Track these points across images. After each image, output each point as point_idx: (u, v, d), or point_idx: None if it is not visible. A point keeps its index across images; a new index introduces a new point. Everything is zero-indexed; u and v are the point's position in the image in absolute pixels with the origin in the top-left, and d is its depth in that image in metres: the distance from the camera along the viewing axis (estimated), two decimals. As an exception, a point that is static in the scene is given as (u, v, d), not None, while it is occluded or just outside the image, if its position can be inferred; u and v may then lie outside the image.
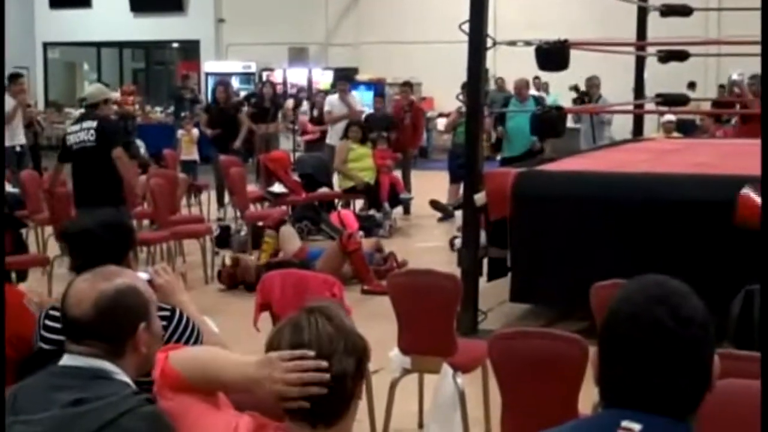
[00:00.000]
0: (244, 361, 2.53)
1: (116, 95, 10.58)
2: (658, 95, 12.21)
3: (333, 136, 15.59)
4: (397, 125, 15.53)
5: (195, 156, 16.22)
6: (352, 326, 2.44)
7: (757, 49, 11.15)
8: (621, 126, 16.11)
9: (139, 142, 15.25)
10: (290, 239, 11.06)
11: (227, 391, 2.60)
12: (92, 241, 3.73)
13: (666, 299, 2.05)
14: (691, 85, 20.94)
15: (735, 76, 18.61)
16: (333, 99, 16.09)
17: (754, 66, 16.68)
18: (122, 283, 2.73)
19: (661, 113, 11.45)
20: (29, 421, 2.49)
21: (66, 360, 2.67)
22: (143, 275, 3.71)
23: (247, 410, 2.53)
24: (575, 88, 17.07)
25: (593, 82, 15.02)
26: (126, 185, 9.36)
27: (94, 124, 9.15)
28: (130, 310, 2.70)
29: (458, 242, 9.43)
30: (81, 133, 9.19)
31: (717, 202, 7.80)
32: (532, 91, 21.84)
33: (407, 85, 17.03)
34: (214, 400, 2.57)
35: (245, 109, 16.53)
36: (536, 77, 21.57)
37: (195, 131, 16.55)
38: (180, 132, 16.70)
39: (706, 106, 18.70)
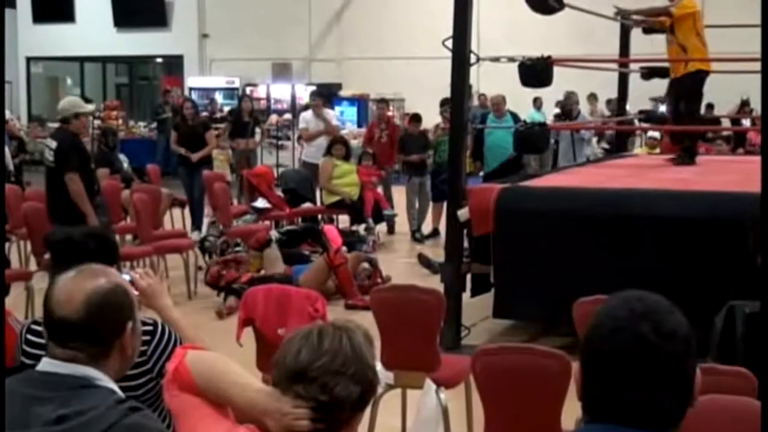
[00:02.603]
0: (255, 387, 2.57)
1: (91, 107, 10.35)
2: (641, 112, 12.29)
3: (309, 153, 15.36)
4: (431, 145, 15.28)
5: (228, 177, 15.46)
6: (369, 357, 2.47)
7: (738, 66, 11.28)
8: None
9: (123, 157, 15.14)
10: (274, 261, 11.02)
11: (231, 407, 2.62)
12: (76, 250, 3.73)
13: (648, 314, 2.06)
14: (610, 102, 21.19)
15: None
16: (307, 115, 15.70)
17: (733, 82, 16.77)
18: (110, 281, 2.65)
19: (644, 130, 11.46)
20: None
21: (46, 366, 2.57)
22: (126, 278, 3.71)
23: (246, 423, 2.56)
24: (561, 105, 17.14)
25: (572, 99, 14.91)
26: (81, 209, 9.09)
27: (54, 145, 9.11)
28: (120, 308, 2.62)
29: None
30: (46, 150, 9.21)
31: (698, 218, 7.83)
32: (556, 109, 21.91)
33: (383, 102, 16.92)
34: (219, 407, 2.59)
35: (220, 127, 16.13)
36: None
37: (229, 150, 15.83)
38: (215, 151, 15.79)
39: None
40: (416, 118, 15.53)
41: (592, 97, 21.44)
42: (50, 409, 2.43)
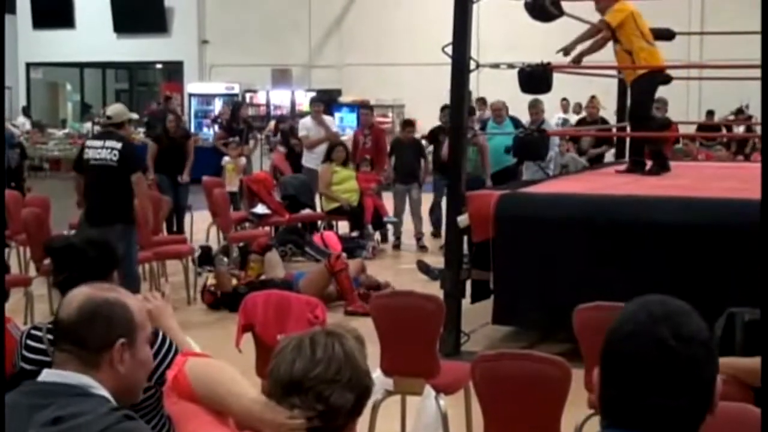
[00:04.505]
0: (251, 396, 2.59)
1: (135, 116, 11.21)
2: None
3: (310, 160, 15.22)
4: (423, 152, 15.05)
5: (236, 186, 15.07)
6: (362, 361, 2.46)
7: (738, 72, 11.24)
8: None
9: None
10: (275, 266, 11.04)
11: (229, 415, 2.63)
12: (76, 257, 3.73)
13: (668, 318, 2.04)
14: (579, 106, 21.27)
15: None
16: (307, 122, 15.57)
17: (734, 88, 16.78)
18: (114, 296, 2.69)
19: (643, 137, 11.43)
20: None
21: (45, 376, 2.63)
22: None
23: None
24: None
25: (538, 108, 14.33)
26: (139, 210, 9.34)
27: (119, 145, 9.16)
28: (111, 321, 2.65)
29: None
30: (103, 150, 9.21)
31: (698, 224, 7.84)
32: (560, 113, 21.83)
33: (368, 108, 16.66)
34: (219, 415, 2.60)
35: (217, 133, 15.91)
36: (564, 99, 21.53)
37: (242, 160, 15.56)
38: (225, 159, 15.55)
39: (691, 130, 18.81)
40: (409, 124, 15.34)
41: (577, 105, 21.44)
42: (47, 413, 2.47)
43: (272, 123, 23.69)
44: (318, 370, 2.38)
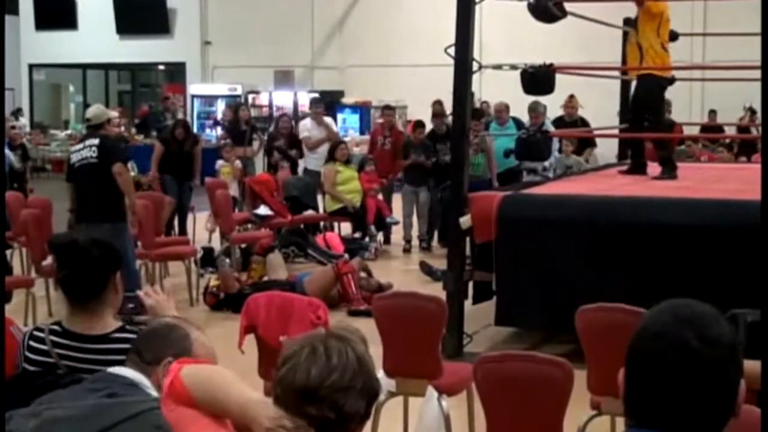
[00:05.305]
0: (249, 397, 2.59)
1: (115, 114, 11.37)
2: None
3: (312, 161, 15.21)
4: (433, 151, 14.93)
5: (235, 191, 14.75)
6: (372, 366, 2.46)
7: (740, 73, 11.23)
8: (608, 149, 16.18)
9: (131, 165, 15.10)
10: (277, 268, 11.03)
11: (227, 417, 2.63)
12: (79, 254, 3.73)
13: (693, 320, 2.06)
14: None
15: None
16: (308, 123, 15.51)
17: (737, 89, 16.75)
18: (185, 330, 3.04)
19: (645, 138, 11.40)
20: (61, 407, 2.60)
21: (109, 370, 2.94)
22: (148, 301, 3.78)
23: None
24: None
25: (538, 111, 14.10)
26: (128, 202, 9.52)
27: (96, 141, 9.43)
28: (166, 342, 2.98)
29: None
30: (84, 150, 9.49)
31: (700, 225, 7.84)
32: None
33: (390, 108, 16.63)
34: (217, 419, 2.61)
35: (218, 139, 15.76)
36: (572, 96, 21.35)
37: (237, 163, 15.26)
38: (219, 162, 15.37)
39: (695, 131, 18.81)
40: (420, 125, 15.25)
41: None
42: (103, 392, 2.72)
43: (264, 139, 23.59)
44: (334, 377, 2.36)
